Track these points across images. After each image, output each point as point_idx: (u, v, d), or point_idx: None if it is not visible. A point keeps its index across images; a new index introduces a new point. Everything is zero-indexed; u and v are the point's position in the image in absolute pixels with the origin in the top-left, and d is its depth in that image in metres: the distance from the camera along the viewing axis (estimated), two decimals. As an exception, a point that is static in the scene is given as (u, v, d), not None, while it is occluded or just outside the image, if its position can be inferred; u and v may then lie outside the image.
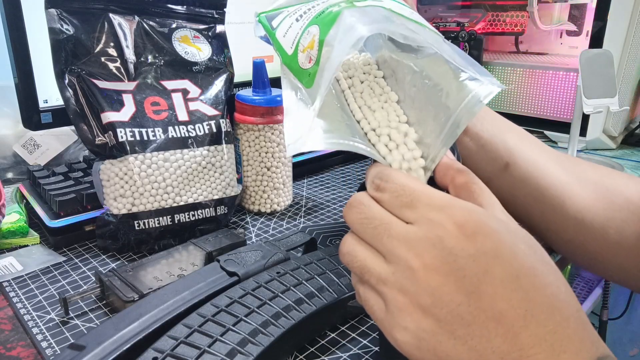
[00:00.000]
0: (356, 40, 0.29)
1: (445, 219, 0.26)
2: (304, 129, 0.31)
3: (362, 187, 0.33)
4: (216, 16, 0.63)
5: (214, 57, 0.61)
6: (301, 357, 0.40)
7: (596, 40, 0.88)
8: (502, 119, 0.51)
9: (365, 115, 0.33)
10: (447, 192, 0.30)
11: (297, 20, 0.36)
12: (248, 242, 0.56)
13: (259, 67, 0.63)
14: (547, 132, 1.00)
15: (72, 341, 0.39)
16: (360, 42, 0.30)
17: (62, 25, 0.53)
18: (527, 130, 0.48)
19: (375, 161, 0.32)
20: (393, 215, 0.28)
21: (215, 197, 0.57)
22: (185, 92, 0.58)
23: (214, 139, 0.58)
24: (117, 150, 0.52)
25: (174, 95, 0.57)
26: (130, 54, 0.56)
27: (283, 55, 0.36)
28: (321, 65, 0.32)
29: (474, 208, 0.27)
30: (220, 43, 0.62)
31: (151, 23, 0.58)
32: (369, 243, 0.28)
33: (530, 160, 0.48)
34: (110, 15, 0.56)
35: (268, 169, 0.64)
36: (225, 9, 0.63)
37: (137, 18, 0.57)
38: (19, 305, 0.45)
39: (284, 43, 0.37)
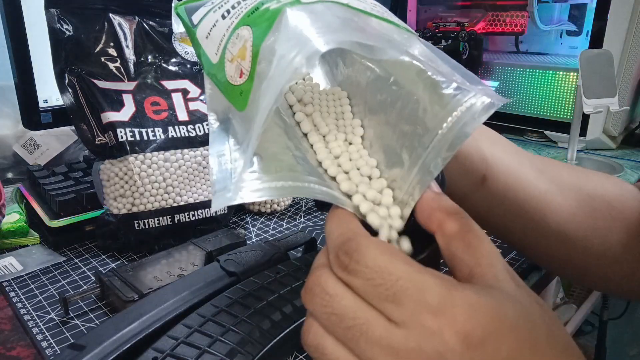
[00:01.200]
0: (307, 57, 0.22)
1: (445, 327, 0.20)
2: (235, 170, 0.23)
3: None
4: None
5: (214, 57, 0.61)
6: (301, 357, 0.40)
7: (596, 40, 0.88)
8: None
9: (321, 143, 0.26)
10: (434, 236, 0.24)
11: (223, 17, 0.27)
12: (248, 242, 0.56)
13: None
14: (547, 132, 1.00)
15: (72, 341, 0.39)
16: (314, 59, 0.22)
17: (62, 25, 0.53)
18: (526, 130, 0.47)
19: (335, 206, 0.24)
20: (370, 307, 0.22)
21: (215, 197, 0.57)
22: (185, 92, 0.58)
23: (214, 139, 0.58)
24: (117, 150, 0.52)
25: (174, 95, 0.57)
26: (130, 54, 0.56)
27: (206, 64, 0.28)
28: (256, 84, 0.24)
29: (480, 304, 0.21)
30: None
31: (151, 23, 0.58)
32: (339, 340, 0.22)
33: (508, 170, 0.42)
34: (110, 15, 0.56)
35: (268, 169, 0.64)
36: (225, 9, 0.63)
37: (137, 18, 0.57)
38: (19, 305, 0.45)
39: (206, 47, 0.28)
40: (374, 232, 0.24)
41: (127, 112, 0.54)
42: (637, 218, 0.42)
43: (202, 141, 0.57)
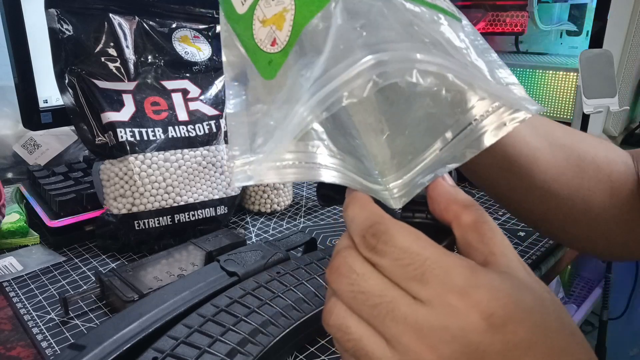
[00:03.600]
0: (365, 82, 0.20)
1: (469, 307, 0.21)
2: (254, 142, 0.23)
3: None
4: (216, 16, 0.62)
5: (214, 57, 0.61)
6: (301, 357, 0.40)
7: (596, 40, 0.88)
8: None
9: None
10: (450, 227, 0.25)
11: None
12: (248, 242, 0.56)
13: (259, 67, 0.62)
14: (547, 132, 1.00)
15: (72, 341, 0.39)
16: (373, 83, 0.20)
17: (62, 25, 0.53)
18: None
19: (351, 191, 0.25)
20: (396, 286, 0.23)
21: (215, 197, 0.57)
22: (185, 92, 0.58)
23: (214, 139, 0.58)
24: (117, 150, 0.52)
25: (174, 95, 0.57)
26: (130, 54, 0.56)
27: (227, 8, 0.25)
28: (290, 62, 0.22)
29: (502, 287, 0.22)
30: (220, 43, 0.62)
31: (151, 23, 0.58)
32: (364, 319, 0.23)
33: None
34: (110, 15, 0.56)
35: (268, 169, 0.64)
36: (225, 9, 0.63)
37: (137, 18, 0.57)
38: (19, 305, 0.45)
39: None
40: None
41: (127, 112, 0.54)
42: (622, 182, 0.43)
43: (202, 141, 0.57)
